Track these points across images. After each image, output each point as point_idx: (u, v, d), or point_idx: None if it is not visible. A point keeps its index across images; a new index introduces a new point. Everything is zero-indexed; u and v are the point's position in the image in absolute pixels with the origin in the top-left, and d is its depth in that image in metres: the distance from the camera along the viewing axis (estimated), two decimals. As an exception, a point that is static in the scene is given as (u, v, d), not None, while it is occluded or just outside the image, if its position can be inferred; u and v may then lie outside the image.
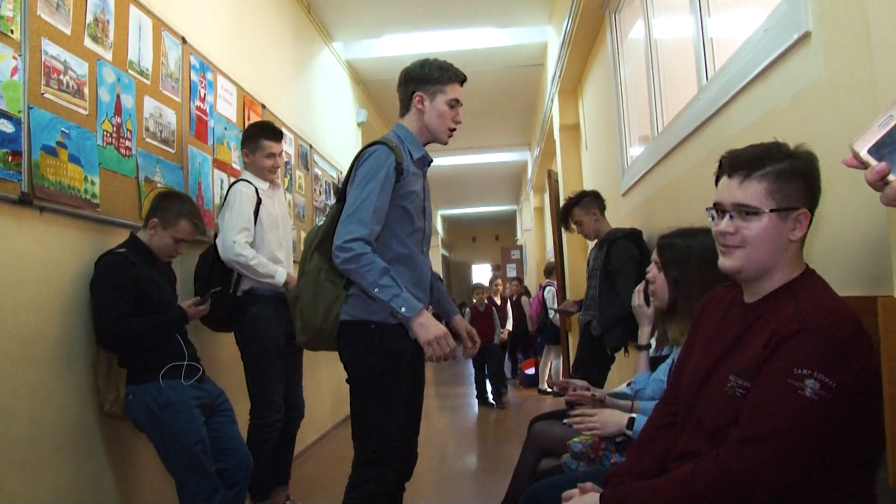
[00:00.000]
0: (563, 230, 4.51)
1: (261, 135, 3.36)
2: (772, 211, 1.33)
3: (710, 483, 1.28)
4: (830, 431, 1.22)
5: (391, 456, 2.20)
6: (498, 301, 8.11)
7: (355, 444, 2.22)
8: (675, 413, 1.60)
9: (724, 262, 1.40)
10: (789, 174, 1.32)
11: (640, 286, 2.52)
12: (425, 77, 2.31)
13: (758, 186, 1.34)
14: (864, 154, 0.98)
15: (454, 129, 2.38)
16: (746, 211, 1.35)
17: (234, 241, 3.08)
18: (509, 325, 8.16)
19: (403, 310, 2.08)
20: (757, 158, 1.35)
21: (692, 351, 1.60)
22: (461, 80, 2.36)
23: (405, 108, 2.37)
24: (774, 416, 1.23)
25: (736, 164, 1.38)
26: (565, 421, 2.13)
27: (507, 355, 8.45)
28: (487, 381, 7.51)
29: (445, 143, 2.40)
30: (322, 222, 2.35)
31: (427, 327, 2.10)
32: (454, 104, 2.34)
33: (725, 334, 1.46)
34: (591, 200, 3.89)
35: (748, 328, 1.40)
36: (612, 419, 2.01)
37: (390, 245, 2.24)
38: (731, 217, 1.37)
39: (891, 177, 0.95)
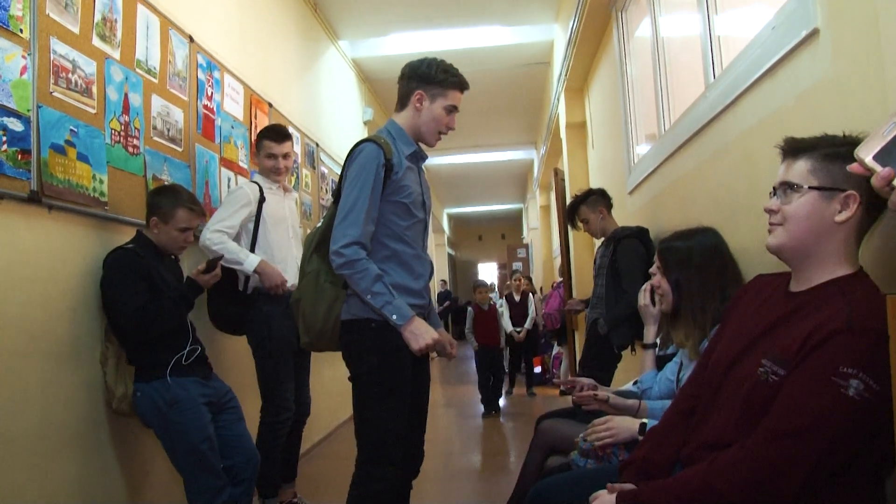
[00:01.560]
0: (569, 228, 4.50)
1: (264, 135, 3.42)
2: (811, 188, 1.32)
3: (735, 476, 1.26)
4: (864, 434, 1.20)
5: (394, 453, 2.20)
6: (517, 298, 7.70)
7: (358, 443, 2.23)
8: (698, 396, 1.58)
9: (768, 241, 1.42)
10: (836, 155, 1.31)
11: (647, 286, 2.52)
12: (429, 77, 2.30)
13: (802, 165, 1.35)
14: (869, 160, 0.99)
15: (444, 133, 2.38)
16: (789, 188, 1.36)
17: (208, 229, 3.09)
18: (528, 324, 7.69)
19: (395, 317, 2.11)
20: (811, 142, 1.36)
21: (724, 334, 1.58)
22: (464, 87, 2.35)
23: (402, 103, 2.36)
24: (812, 413, 1.21)
25: (789, 147, 1.40)
26: (581, 436, 2.13)
27: (521, 355, 7.94)
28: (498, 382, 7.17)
29: (432, 146, 2.40)
30: (321, 224, 2.35)
31: (417, 336, 2.13)
32: (451, 110, 2.34)
33: (762, 319, 1.44)
34: (598, 199, 3.89)
35: (789, 316, 1.37)
36: (624, 426, 2.00)
37: (385, 242, 2.24)
38: (777, 196, 1.40)
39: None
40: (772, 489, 1.22)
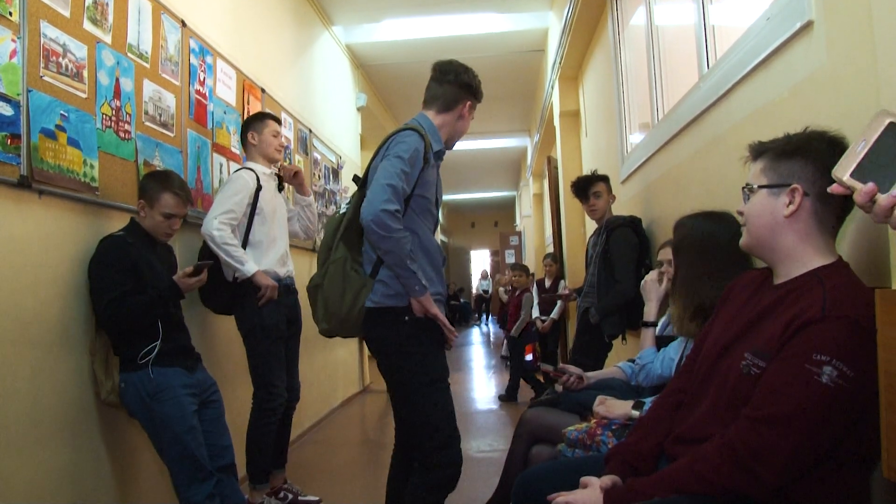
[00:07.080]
0: (561, 214, 4.50)
1: (264, 116, 3.51)
2: (760, 187, 1.41)
3: (718, 463, 1.28)
4: (843, 421, 1.22)
5: (456, 430, 2.26)
6: (548, 283, 6.87)
7: (422, 433, 2.24)
8: (686, 389, 1.61)
9: (740, 241, 1.50)
10: (782, 153, 1.39)
11: (653, 275, 2.59)
12: (475, 92, 2.42)
13: (757, 166, 1.44)
14: (847, 178, 0.99)
15: None
16: (748, 190, 1.45)
17: (215, 218, 3.08)
18: (555, 313, 6.64)
19: (417, 288, 2.16)
20: (769, 144, 1.43)
21: (713, 328, 1.60)
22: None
23: (448, 106, 2.38)
24: (787, 400, 1.23)
25: (752, 150, 1.48)
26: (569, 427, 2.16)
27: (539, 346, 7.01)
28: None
29: (450, 150, 2.49)
30: (344, 210, 2.35)
31: (426, 306, 2.20)
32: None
33: (748, 313, 1.47)
34: (610, 185, 3.93)
35: (771, 309, 1.40)
36: (618, 404, 2.07)
37: (417, 231, 2.26)
38: (745, 200, 1.47)
39: (877, 195, 0.96)
40: (753, 475, 1.24)
